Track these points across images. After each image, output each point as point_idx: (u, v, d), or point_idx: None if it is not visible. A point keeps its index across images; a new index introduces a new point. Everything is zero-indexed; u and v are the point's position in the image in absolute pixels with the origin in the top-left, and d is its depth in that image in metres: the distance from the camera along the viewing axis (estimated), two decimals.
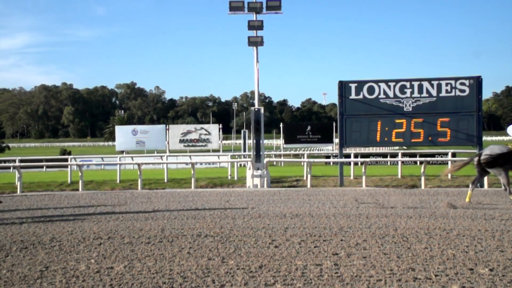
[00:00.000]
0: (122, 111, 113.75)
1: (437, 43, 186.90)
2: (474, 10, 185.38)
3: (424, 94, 15.68)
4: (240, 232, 7.87)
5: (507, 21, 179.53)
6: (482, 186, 14.92)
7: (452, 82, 15.61)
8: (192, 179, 15.72)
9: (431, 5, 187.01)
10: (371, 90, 15.95)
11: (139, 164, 16.32)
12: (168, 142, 29.28)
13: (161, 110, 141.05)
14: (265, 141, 29.29)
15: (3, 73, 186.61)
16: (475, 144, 15.62)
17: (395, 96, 15.80)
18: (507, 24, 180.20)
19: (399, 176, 17.51)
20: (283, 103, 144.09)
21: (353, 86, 16.05)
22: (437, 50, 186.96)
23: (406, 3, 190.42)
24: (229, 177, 18.99)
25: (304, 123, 40.42)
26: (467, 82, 15.55)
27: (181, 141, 29.50)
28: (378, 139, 16.01)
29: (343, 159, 16.94)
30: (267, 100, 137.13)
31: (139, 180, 15.56)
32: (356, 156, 22.45)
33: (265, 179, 15.72)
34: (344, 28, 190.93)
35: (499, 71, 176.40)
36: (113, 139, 44.71)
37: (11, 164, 19.67)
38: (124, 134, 30.19)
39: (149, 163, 22.53)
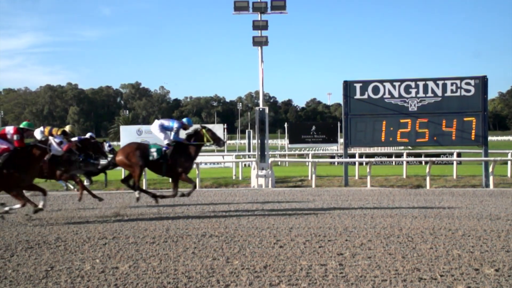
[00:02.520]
0: (127, 111, 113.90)
1: (442, 43, 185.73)
2: (479, 9, 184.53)
3: (429, 94, 15.62)
4: (245, 232, 7.88)
5: None
6: (488, 186, 14.87)
7: (458, 82, 15.55)
8: (197, 179, 15.73)
9: (436, 4, 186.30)
10: (376, 90, 15.91)
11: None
12: None
13: (166, 110, 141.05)
14: (270, 141, 29.21)
15: (9, 73, 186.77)
16: (480, 144, 15.56)
17: (400, 96, 15.75)
18: None
19: (404, 176, 17.46)
20: (288, 103, 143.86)
21: (358, 86, 16.02)
22: (442, 50, 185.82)
23: (411, 2, 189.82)
24: (233, 177, 18.99)
25: (309, 123, 40.31)
26: (472, 82, 15.48)
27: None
28: (383, 139, 15.97)
29: (348, 159, 16.91)
30: (271, 100, 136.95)
31: (144, 180, 15.58)
32: (361, 156, 22.42)
33: (270, 179, 15.72)
34: (348, 28, 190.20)
35: (504, 70, 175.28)
36: (118, 139, 44.75)
37: None
38: (129, 134, 30.20)
39: None
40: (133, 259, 6.27)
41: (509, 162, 17.97)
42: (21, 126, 9.71)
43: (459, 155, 21.88)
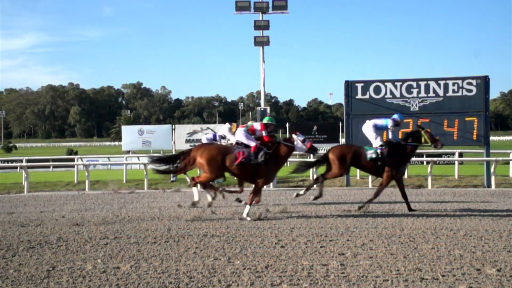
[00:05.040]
0: (128, 111, 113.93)
1: (443, 43, 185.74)
2: (481, 9, 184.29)
3: (431, 94, 15.58)
4: (246, 232, 7.88)
5: None
6: (489, 186, 14.85)
7: (459, 82, 15.51)
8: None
9: (438, 5, 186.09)
10: (377, 90, 15.88)
11: (145, 164, 16.33)
12: (174, 142, 29.28)
13: (167, 110, 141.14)
14: None
15: (11, 73, 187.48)
16: (482, 144, 15.53)
17: (402, 96, 15.72)
18: None
19: (406, 176, 17.43)
20: (289, 103, 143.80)
21: (359, 86, 15.99)
22: (444, 50, 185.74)
23: (412, 3, 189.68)
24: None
25: (310, 123, 40.11)
26: (474, 81, 15.45)
27: (187, 141, 29.39)
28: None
29: None
30: (273, 100, 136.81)
31: (145, 180, 15.59)
32: None
33: None
34: (350, 28, 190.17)
35: (506, 70, 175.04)
36: (120, 139, 44.77)
37: (18, 164, 19.78)
38: (130, 134, 30.15)
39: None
40: (134, 259, 6.27)
41: (510, 162, 17.94)
42: (264, 121, 10.10)
43: (460, 155, 21.84)
